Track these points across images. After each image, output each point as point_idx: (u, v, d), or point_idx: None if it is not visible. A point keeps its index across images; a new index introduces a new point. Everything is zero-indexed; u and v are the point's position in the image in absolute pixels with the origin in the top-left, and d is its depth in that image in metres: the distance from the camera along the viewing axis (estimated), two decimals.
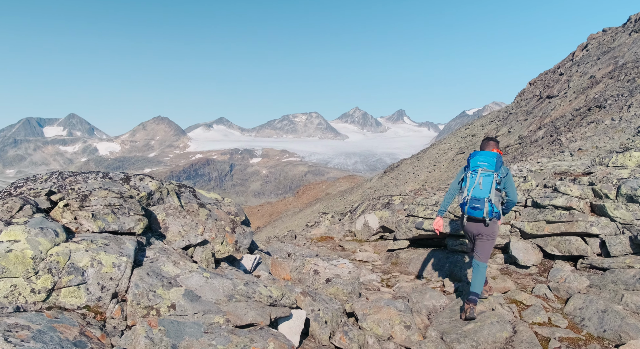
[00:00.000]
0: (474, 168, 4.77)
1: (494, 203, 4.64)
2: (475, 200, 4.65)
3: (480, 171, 4.71)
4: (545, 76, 58.37)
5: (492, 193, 4.64)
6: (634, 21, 46.88)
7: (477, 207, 4.65)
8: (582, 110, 34.40)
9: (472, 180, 4.73)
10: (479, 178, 4.70)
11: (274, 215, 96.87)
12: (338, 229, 10.93)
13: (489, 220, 4.63)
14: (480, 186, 4.67)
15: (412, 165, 63.16)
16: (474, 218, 4.75)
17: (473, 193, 4.67)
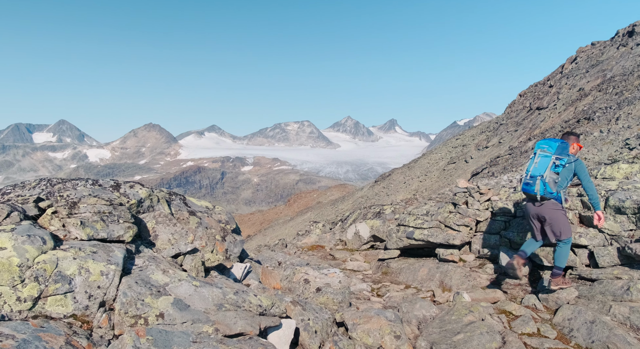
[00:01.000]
0: (534, 151, 5.23)
1: (547, 182, 4.94)
2: (530, 177, 5.08)
3: (539, 152, 5.14)
4: (535, 88, 59.07)
5: (547, 173, 4.96)
6: (622, 35, 47.72)
7: (529, 183, 5.07)
8: (571, 121, 34.81)
9: (531, 160, 5.18)
10: (537, 158, 5.12)
11: (264, 223, 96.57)
12: (329, 238, 10.92)
13: (540, 197, 4.98)
14: (536, 165, 5.07)
15: (403, 174, 63.39)
16: (529, 196, 5.16)
17: (528, 171, 5.12)
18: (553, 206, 5.02)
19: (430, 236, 7.57)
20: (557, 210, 5.03)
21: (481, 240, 7.21)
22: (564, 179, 5.09)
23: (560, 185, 5.07)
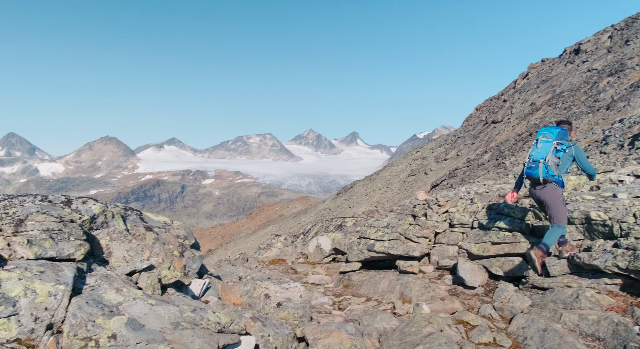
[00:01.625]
0: (536, 138, 5.56)
1: (550, 165, 5.30)
2: (533, 161, 5.43)
3: (541, 138, 5.50)
4: (490, 102, 61.27)
5: (549, 157, 5.33)
6: (569, 53, 50.32)
7: (532, 166, 5.42)
8: (524, 135, 36.23)
9: (534, 146, 5.53)
10: (539, 143, 5.48)
11: (226, 237, 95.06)
12: (291, 251, 10.86)
13: (543, 180, 5.32)
14: (538, 150, 5.44)
15: (365, 186, 64.03)
16: (533, 179, 5.48)
17: (532, 156, 5.47)
18: (553, 189, 5.35)
19: (391, 248, 7.65)
20: (556, 194, 5.34)
21: (440, 251, 7.34)
22: (564, 163, 5.43)
23: (561, 169, 5.40)
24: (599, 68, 39.43)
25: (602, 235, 5.54)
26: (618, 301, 4.58)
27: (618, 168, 11.38)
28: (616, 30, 45.00)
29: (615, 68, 36.28)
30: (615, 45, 42.49)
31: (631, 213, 5.37)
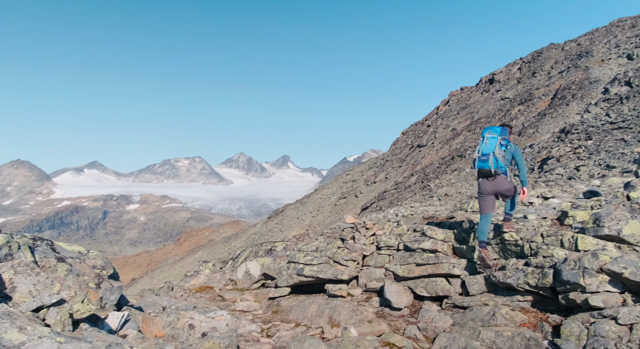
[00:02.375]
0: (482, 135, 6.13)
1: (498, 157, 5.86)
2: (483, 155, 5.95)
3: (487, 135, 6.06)
4: (416, 127, 64.17)
5: (497, 150, 5.89)
6: (485, 82, 54.14)
7: (484, 159, 5.92)
8: (447, 158, 38.19)
9: (481, 143, 6.07)
10: (486, 140, 6.03)
11: (152, 264, 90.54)
12: (219, 278, 10.54)
13: (494, 171, 5.84)
14: (486, 145, 5.98)
15: (296, 210, 64.06)
16: (483, 172, 5.96)
17: (481, 150, 5.98)
18: (504, 179, 5.91)
19: (320, 272, 7.67)
20: (509, 183, 5.96)
21: (368, 273, 7.46)
22: (507, 157, 5.99)
23: (506, 162, 5.98)
24: (510, 97, 42.72)
25: (514, 254, 5.91)
26: (529, 317, 4.88)
27: (529, 191, 12.26)
28: (524, 63, 49.20)
29: (524, 98, 39.47)
30: (524, 76, 46.37)
31: (539, 233, 5.78)
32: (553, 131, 28.21)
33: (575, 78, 35.17)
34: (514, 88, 44.98)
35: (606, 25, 46.56)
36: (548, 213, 7.21)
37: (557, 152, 21.58)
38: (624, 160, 16.63)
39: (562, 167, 19.04)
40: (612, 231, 5.01)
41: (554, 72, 41.93)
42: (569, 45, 46.27)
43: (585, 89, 32.44)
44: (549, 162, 21.05)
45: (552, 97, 35.37)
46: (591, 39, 44.47)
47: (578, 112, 29.67)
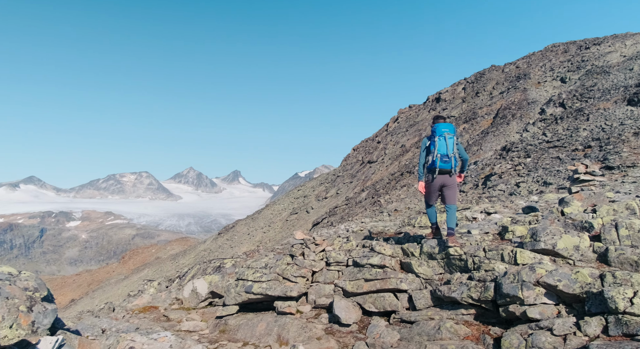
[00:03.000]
0: (440, 134, 6.41)
1: (455, 157, 6.37)
2: (445, 156, 6.32)
3: (446, 135, 6.39)
4: (366, 143, 65.33)
5: (455, 151, 6.37)
6: (431, 100, 56.10)
7: (446, 161, 6.33)
8: (396, 174, 39.02)
9: (440, 143, 6.37)
10: (447, 140, 6.37)
11: (93, 284, 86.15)
12: (164, 297, 10.17)
13: (453, 171, 6.36)
14: (447, 146, 6.34)
15: (247, 225, 63.22)
16: (443, 171, 6.39)
17: (443, 151, 6.33)
18: (454, 176, 6.50)
19: (269, 289, 7.56)
20: (455, 181, 6.55)
21: (317, 290, 7.43)
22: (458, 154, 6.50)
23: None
24: (456, 116, 44.42)
25: (459, 269, 6.08)
26: (473, 330, 5.01)
27: (473, 206, 12.71)
28: (468, 83, 51.46)
29: (469, 116, 41.16)
30: (468, 96, 48.44)
31: (482, 248, 5.98)
32: (495, 149, 29.51)
33: (515, 98, 37.10)
34: (459, 107, 46.85)
35: (542, 50, 49.68)
36: (490, 228, 7.49)
37: (499, 168, 22.56)
38: (560, 177, 17.59)
39: (504, 183, 19.90)
40: (548, 245, 5.27)
41: (496, 93, 44.07)
42: (508, 68, 48.90)
43: (523, 109, 34.26)
44: (492, 178, 21.95)
45: (494, 116, 37.08)
46: (528, 62, 47.22)
47: (518, 130, 31.21)
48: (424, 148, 6.68)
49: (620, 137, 19.47)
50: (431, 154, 6.45)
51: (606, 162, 16.18)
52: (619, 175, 14.65)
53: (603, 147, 19.01)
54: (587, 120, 25.37)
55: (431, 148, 6.49)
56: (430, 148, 6.55)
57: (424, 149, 6.69)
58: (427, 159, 6.56)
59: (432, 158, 6.40)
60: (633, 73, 30.24)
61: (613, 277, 4.32)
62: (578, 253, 5.18)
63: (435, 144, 6.40)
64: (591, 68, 35.98)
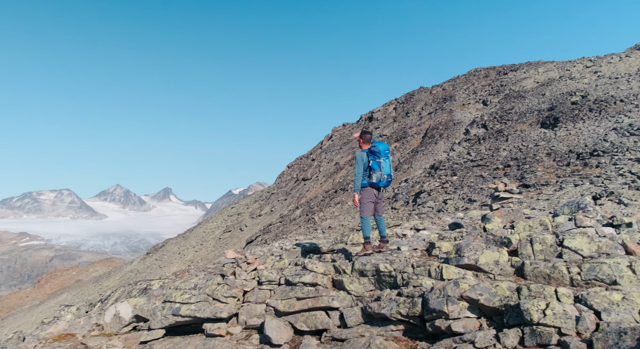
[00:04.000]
0: (386, 155, 7.05)
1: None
2: (389, 176, 7.08)
3: (389, 156, 7.11)
4: (301, 160, 65.70)
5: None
6: (364, 119, 57.64)
7: (389, 180, 7.11)
8: (330, 192, 39.43)
9: (386, 163, 7.03)
10: (389, 161, 7.10)
11: (3, 311, 78.79)
12: (83, 323, 9.48)
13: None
14: (390, 167, 7.10)
15: (178, 244, 60.98)
16: (383, 188, 7.20)
17: (387, 172, 7.03)
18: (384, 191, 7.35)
19: (198, 311, 7.29)
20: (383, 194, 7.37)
21: (248, 310, 7.26)
22: None
23: None
24: (388, 135, 45.90)
25: (389, 285, 6.19)
26: (401, 345, 5.09)
27: (404, 223, 13.07)
28: (399, 103, 53.50)
29: (400, 135, 42.67)
30: (399, 115, 50.32)
31: (410, 264, 6.14)
32: (424, 167, 30.73)
33: (442, 119, 39.01)
34: (391, 126, 48.51)
35: (465, 74, 52.82)
36: (419, 245, 7.72)
37: (428, 186, 23.47)
38: (483, 194, 18.60)
39: (433, 201, 20.70)
40: (471, 261, 5.50)
41: (424, 113, 46.14)
42: (436, 89, 51.47)
43: (450, 130, 36.07)
44: (421, 195, 22.78)
45: (423, 136, 38.72)
46: (454, 85, 50.00)
47: (445, 150, 32.76)
48: (364, 163, 7.12)
49: (535, 157, 20.98)
50: (375, 173, 6.98)
51: (523, 181, 17.34)
52: (534, 193, 15.73)
53: (520, 166, 20.38)
54: (506, 140, 27.14)
55: (376, 167, 6.98)
56: (373, 167, 7.01)
57: (364, 163, 7.12)
58: (372, 177, 7.03)
59: (378, 177, 6.99)
60: (545, 99, 32.87)
61: (528, 290, 4.58)
62: (498, 267, 5.46)
63: (381, 165, 6.97)
64: (509, 93, 38.70)
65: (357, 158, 7.20)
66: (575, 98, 29.76)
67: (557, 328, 4.05)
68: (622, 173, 14.76)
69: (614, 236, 5.82)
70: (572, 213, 7.71)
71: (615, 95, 27.52)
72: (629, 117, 23.03)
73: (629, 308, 4.06)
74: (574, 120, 25.46)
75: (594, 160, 17.67)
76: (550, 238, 5.64)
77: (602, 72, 34.32)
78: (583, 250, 5.36)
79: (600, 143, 20.11)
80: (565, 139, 23.10)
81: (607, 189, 12.65)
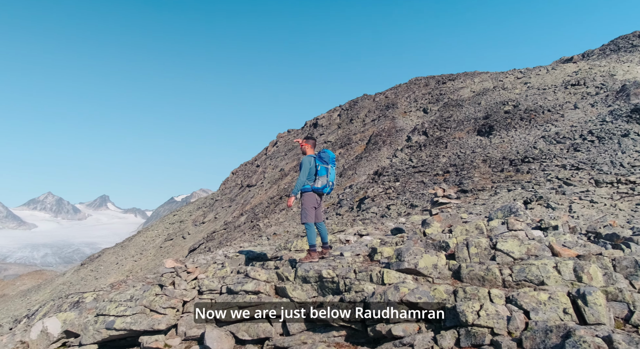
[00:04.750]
0: (333, 163, 7.13)
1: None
2: (333, 183, 7.15)
3: (331, 165, 7.11)
4: (245, 167, 64.93)
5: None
6: (309, 126, 57.90)
7: (333, 187, 7.21)
8: (275, 198, 39.22)
9: (332, 171, 7.11)
10: (334, 169, 7.16)
11: None
12: (6, 341, 8.80)
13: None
14: (334, 174, 7.17)
15: (115, 254, 58.34)
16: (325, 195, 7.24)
17: (332, 179, 7.12)
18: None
19: (134, 323, 6.96)
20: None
21: (188, 321, 7.03)
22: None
23: None
24: (332, 141, 46.35)
25: (332, 291, 6.19)
26: None
27: (348, 229, 13.19)
28: (343, 110, 54.23)
29: (344, 142, 43.20)
30: (344, 122, 50.97)
31: (352, 270, 6.17)
32: (368, 173, 31.27)
33: (385, 126, 39.91)
34: (335, 133, 49.03)
35: (407, 82, 54.44)
36: (361, 250, 7.81)
37: (372, 192, 23.88)
38: (424, 199, 19.16)
39: (376, 206, 21.08)
40: (411, 265, 5.62)
41: (368, 120, 47.01)
42: (379, 97, 52.64)
43: (392, 137, 36.96)
44: (365, 201, 23.13)
45: (367, 142, 39.42)
46: (396, 93, 51.36)
47: (388, 156, 33.50)
48: (311, 168, 7.11)
49: (472, 164, 21.92)
50: (322, 178, 7.04)
51: (461, 186, 18.04)
52: (471, 198, 16.40)
53: (459, 172, 21.21)
54: (445, 147, 28.17)
55: (323, 173, 7.05)
56: (321, 172, 7.06)
57: (311, 168, 7.10)
58: (317, 182, 7.05)
59: (323, 183, 7.05)
60: (481, 107, 34.48)
61: (464, 292, 4.73)
62: (436, 271, 5.61)
63: (328, 171, 7.06)
64: (448, 101, 40.26)
65: (303, 162, 7.14)
66: (508, 108, 31.44)
67: (490, 328, 4.21)
68: (550, 179, 15.71)
69: (542, 239, 6.15)
70: (505, 217, 8.09)
71: (544, 105, 29.33)
72: (555, 126, 24.59)
73: (554, 307, 4.29)
74: (507, 128, 26.86)
75: (525, 167, 18.70)
76: (484, 242, 5.88)
77: (532, 83, 36.51)
78: (514, 252, 5.62)
79: (530, 151, 21.32)
80: (499, 146, 24.31)
81: (536, 194, 13.40)
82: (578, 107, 27.33)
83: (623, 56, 39.49)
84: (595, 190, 13.53)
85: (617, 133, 20.67)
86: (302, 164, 7.15)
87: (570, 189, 13.71)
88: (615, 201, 12.07)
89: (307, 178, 7.10)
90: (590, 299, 4.24)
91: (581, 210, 11.58)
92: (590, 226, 8.40)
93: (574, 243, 6.38)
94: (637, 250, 6.06)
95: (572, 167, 17.05)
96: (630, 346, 3.51)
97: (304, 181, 7.08)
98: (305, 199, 7.17)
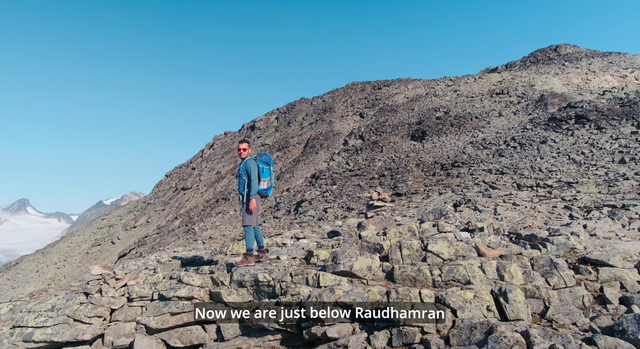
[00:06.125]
0: (269, 163, 7.14)
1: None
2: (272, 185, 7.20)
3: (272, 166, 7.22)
4: (180, 169, 63.04)
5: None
6: (247, 128, 57.32)
7: (273, 188, 7.49)
8: (211, 201, 38.38)
9: (273, 174, 7.18)
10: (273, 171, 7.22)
11: None
12: None
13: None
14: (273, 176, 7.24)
15: (36, 261, 54.47)
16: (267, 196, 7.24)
17: (273, 181, 7.20)
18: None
19: (55, 335, 6.54)
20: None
21: (116, 329, 6.70)
22: None
23: None
24: (270, 144, 46.15)
25: (267, 295, 6.16)
26: None
27: (285, 232, 13.17)
28: (281, 113, 54.18)
29: (282, 145, 43.14)
30: (281, 125, 50.92)
31: (289, 273, 6.17)
32: (306, 176, 31.41)
33: (322, 130, 40.32)
34: (273, 136, 48.87)
35: (344, 87, 55.36)
36: (298, 253, 7.83)
37: (309, 195, 24.00)
38: (360, 203, 19.52)
39: (314, 209, 21.20)
40: (346, 267, 5.71)
41: (305, 123, 47.27)
42: (316, 101, 53.10)
43: (330, 140, 37.40)
44: (303, 204, 23.20)
45: (305, 146, 39.61)
46: (333, 97, 52.06)
47: (325, 159, 33.84)
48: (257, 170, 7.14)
49: (407, 168, 22.64)
50: (266, 180, 7.09)
51: (396, 189, 18.57)
52: (405, 201, 16.93)
53: (394, 176, 21.83)
54: (381, 151, 28.89)
55: (267, 175, 7.10)
56: (265, 174, 7.11)
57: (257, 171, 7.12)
58: (262, 184, 7.08)
59: (269, 185, 7.12)
60: (414, 113, 35.75)
61: (396, 293, 4.88)
62: (370, 273, 5.74)
63: (271, 173, 7.13)
64: (383, 107, 41.38)
65: (249, 165, 7.05)
66: (439, 114, 32.85)
67: (420, 327, 4.37)
68: (477, 183, 16.57)
69: (469, 240, 6.47)
70: (436, 219, 8.44)
71: (472, 112, 30.91)
72: (482, 132, 25.99)
73: (479, 305, 4.53)
74: (438, 133, 28.03)
75: (455, 171, 19.60)
76: (416, 244, 6.09)
77: (461, 91, 38.41)
78: (443, 253, 5.88)
79: (460, 156, 22.37)
80: (431, 151, 25.31)
81: (465, 197, 14.09)
82: (502, 114, 29.11)
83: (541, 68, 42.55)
84: (517, 193, 14.43)
85: (536, 140, 22.20)
86: (249, 167, 7.05)
87: (495, 192, 14.54)
88: (535, 204, 12.94)
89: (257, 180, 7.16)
90: (510, 297, 4.52)
91: (505, 212, 12.31)
92: (512, 227, 8.96)
93: (497, 243, 6.77)
94: (552, 249, 6.54)
95: (497, 172, 18.09)
96: (545, 339, 3.78)
97: (257, 183, 7.03)
98: (253, 202, 7.09)
